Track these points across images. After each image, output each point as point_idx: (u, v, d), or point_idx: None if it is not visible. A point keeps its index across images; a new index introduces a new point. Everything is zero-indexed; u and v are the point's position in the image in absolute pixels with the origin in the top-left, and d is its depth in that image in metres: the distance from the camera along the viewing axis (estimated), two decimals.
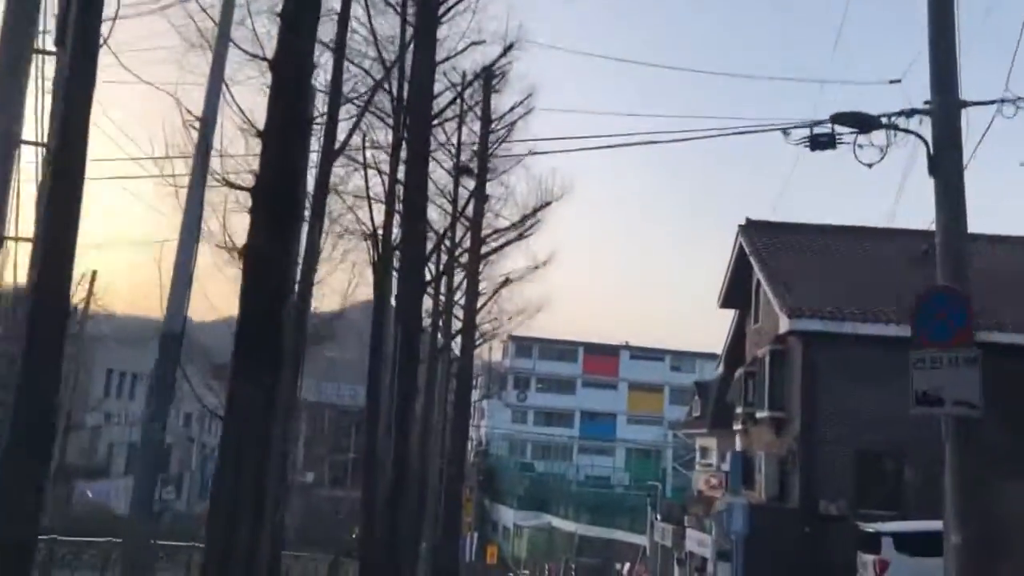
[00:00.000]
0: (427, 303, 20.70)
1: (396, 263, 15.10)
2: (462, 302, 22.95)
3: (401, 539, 14.31)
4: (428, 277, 16.29)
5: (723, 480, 34.79)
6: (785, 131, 8.72)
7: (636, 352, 75.59)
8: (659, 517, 45.05)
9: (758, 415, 21.00)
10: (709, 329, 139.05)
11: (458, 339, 22.37)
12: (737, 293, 25.09)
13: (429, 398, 19.58)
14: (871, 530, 15.68)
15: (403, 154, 14.65)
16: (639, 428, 71.96)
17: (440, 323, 21.53)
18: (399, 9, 15.04)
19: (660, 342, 75.89)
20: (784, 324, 18.72)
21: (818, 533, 17.63)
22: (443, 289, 21.42)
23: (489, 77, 21.89)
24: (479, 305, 22.12)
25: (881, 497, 17.90)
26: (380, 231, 14.60)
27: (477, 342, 23.88)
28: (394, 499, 14.01)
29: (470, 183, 21.61)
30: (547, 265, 24.20)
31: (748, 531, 18.14)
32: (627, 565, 50.34)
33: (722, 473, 35.34)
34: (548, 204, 18.08)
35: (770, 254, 21.96)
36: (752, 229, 23.53)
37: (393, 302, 14.65)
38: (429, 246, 18.51)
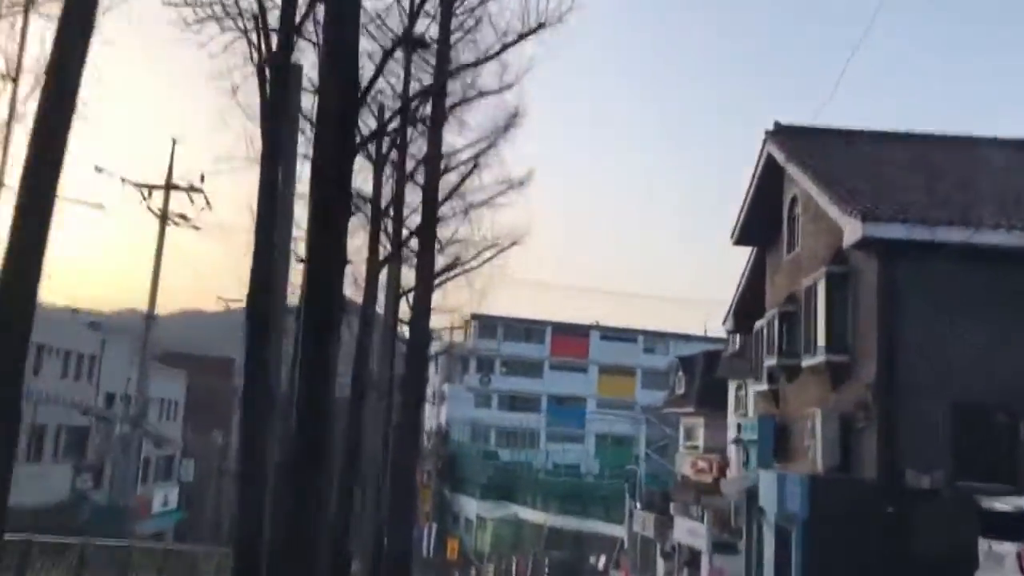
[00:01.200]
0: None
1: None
2: (413, 226, 17.59)
3: (315, 525, 9.27)
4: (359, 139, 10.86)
5: (711, 462, 30.22)
6: None
7: (607, 333, 71.59)
8: (639, 505, 40.51)
9: (804, 363, 16.03)
10: (689, 305, 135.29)
11: (413, 265, 16.70)
12: (759, 221, 20.13)
13: (367, 329, 14.14)
14: (1007, 509, 10.83)
15: None
16: (610, 413, 67.65)
17: (384, 226, 15.79)
18: None
19: (632, 322, 72.18)
20: (853, 233, 13.68)
21: (905, 513, 12.76)
22: (387, 190, 15.77)
23: None
24: (441, 199, 16.34)
25: (988, 464, 13.06)
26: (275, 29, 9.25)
27: (439, 277, 18.29)
28: (304, 465, 9.03)
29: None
30: (523, 185, 18.87)
31: (808, 512, 13.22)
32: (602, 558, 46.07)
33: (715, 455, 30.80)
34: (541, 27, 12.64)
35: (813, 159, 17.02)
36: (784, 135, 18.60)
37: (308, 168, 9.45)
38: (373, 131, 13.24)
